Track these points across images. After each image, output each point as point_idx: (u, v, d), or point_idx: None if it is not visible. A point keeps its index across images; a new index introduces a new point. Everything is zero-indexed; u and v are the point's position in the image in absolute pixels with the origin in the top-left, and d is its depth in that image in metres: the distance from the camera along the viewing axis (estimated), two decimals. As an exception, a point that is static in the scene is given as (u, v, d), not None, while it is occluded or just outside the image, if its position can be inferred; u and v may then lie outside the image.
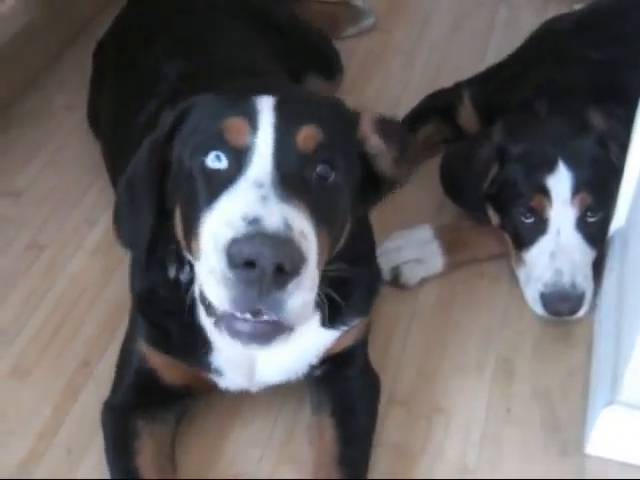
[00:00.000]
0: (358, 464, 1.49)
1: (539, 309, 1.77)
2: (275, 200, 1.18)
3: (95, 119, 2.08)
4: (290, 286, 1.16)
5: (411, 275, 1.84)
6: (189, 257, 1.34)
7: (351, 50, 2.53)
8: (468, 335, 1.78)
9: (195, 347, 1.48)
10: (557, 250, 1.76)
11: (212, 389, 1.56)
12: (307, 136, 1.25)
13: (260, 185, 1.20)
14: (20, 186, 2.10)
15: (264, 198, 1.18)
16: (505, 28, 2.65)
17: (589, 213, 1.76)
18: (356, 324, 1.54)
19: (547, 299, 1.75)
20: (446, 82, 2.25)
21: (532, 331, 1.79)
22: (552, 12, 2.57)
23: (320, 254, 1.23)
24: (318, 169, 1.26)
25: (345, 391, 1.57)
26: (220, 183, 1.23)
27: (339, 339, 1.54)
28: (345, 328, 1.52)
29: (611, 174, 1.77)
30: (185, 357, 1.50)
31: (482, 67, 2.22)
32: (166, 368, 1.52)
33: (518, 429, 1.62)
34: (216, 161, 1.25)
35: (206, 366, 1.50)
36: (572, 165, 1.75)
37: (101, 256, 1.93)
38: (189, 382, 1.54)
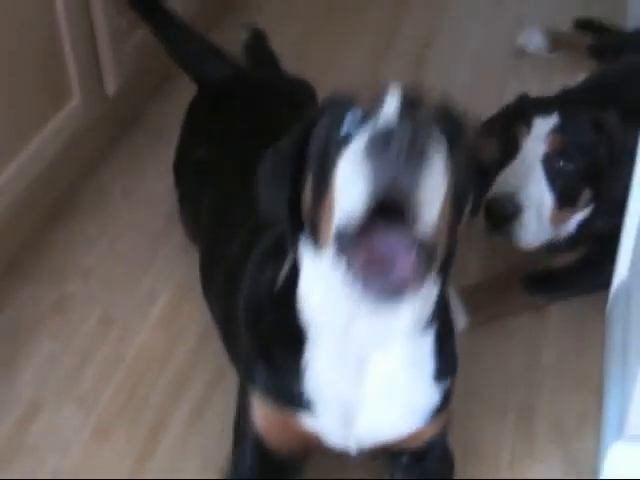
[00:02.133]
0: None
1: (481, 222, 1.98)
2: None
3: (193, 227, 2.18)
4: (424, 163, 1.17)
5: (436, 333, 2.04)
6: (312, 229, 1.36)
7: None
8: (493, 384, 1.93)
9: (293, 370, 1.50)
10: (514, 171, 1.97)
11: (317, 447, 1.60)
12: (431, 101, 1.30)
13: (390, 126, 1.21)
14: (88, 267, 2.28)
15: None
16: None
17: (562, 161, 1.96)
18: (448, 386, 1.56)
19: (486, 204, 1.95)
20: None
21: (549, 376, 1.96)
22: (557, 83, 2.80)
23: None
24: (440, 135, 1.25)
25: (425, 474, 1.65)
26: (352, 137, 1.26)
27: (432, 421, 1.56)
28: (445, 384, 1.55)
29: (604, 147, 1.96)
30: (285, 392, 1.53)
31: (495, 139, 2.42)
32: (274, 429, 1.58)
33: (541, 463, 1.79)
34: (348, 124, 1.29)
35: (305, 401, 1.51)
36: (563, 118, 1.97)
37: (165, 327, 2.11)
38: (295, 443, 1.60)
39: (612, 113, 1.99)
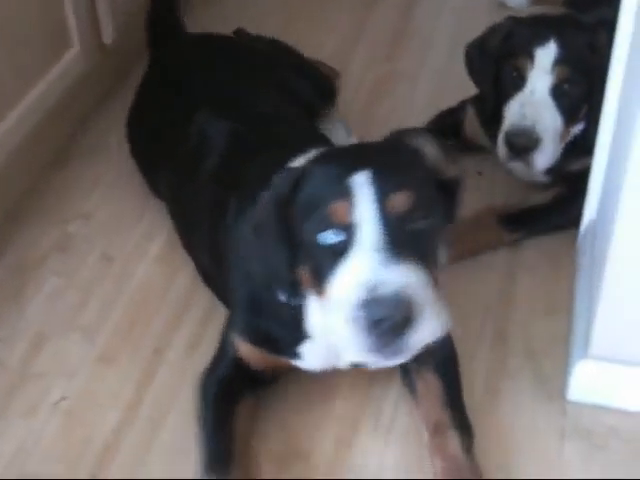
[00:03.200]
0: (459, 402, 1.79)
1: (502, 150, 2.14)
2: (386, 263, 1.39)
3: (156, 186, 2.32)
4: (412, 330, 1.39)
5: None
6: (309, 291, 1.57)
7: (360, 79, 2.85)
8: (470, 310, 2.04)
9: (290, 344, 1.72)
10: (527, 103, 2.12)
11: (300, 371, 1.81)
12: (400, 201, 1.44)
13: (371, 251, 1.41)
14: (87, 209, 2.40)
15: (377, 263, 1.40)
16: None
17: (566, 85, 2.11)
18: None
19: (508, 136, 2.12)
20: (449, 102, 2.53)
21: (523, 303, 2.08)
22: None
23: (433, 286, 1.46)
24: (415, 223, 1.45)
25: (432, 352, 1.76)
26: (338, 253, 1.44)
27: None
28: None
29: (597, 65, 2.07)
30: (276, 350, 1.75)
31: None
32: (255, 357, 1.77)
33: (512, 381, 1.91)
34: (330, 238, 1.45)
35: (294, 356, 1.75)
36: (562, 45, 2.09)
37: (162, 263, 2.23)
38: (276, 367, 1.80)
39: (603, 33, 2.10)
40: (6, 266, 2.26)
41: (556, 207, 2.26)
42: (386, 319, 1.37)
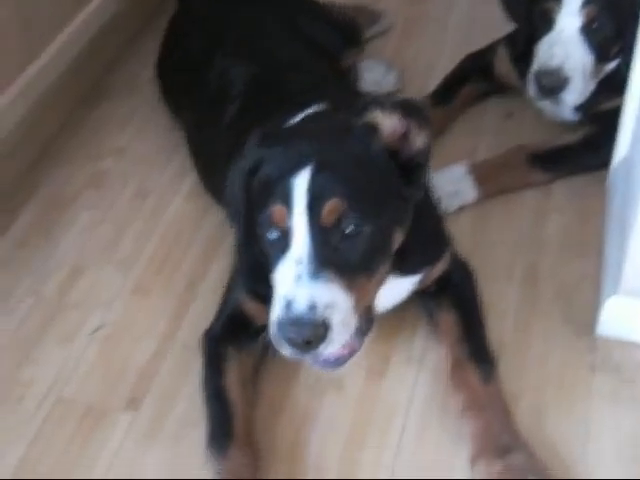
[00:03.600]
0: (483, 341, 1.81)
1: (532, 89, 2.17)
2: (307, 279, 1.47)
3: (181, 116, 2.37)
4: (322, 346, 1.48)
5: (449, 204, 2.14)
6: None
7: (392, 19, 2.85)
8: (500, 249, 2.07)
9: None
10: (556, 43, 2.14)
11: None
12: (330, 211, 1.48)
13: (299, 262, 1.48)
14: (121, 146, 2.44)
15: (299, 278, 1.47)
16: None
17: (595, 24, 2.12)
18: (432, 268, 1.81)
19: (537, 76, 2.15)
20: (478, 44, 2.52)
21: (553, 243, 2.09)
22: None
23: (359, 299, 1.51)
24: (348, 231, 1.50)
25: (450, 291, 1.87)
26: (278, 250, 1.53)
27: (426, 276, 1.81)
28: (421, 275, 1.78)
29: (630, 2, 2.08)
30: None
31: (509, 28, 2.40)
32: (257, 312, 1.77)
33: (543, 318, 1.93)
34: (273, 235, 1.53)
35: None
36: None
37: (194, 201, 2.26)
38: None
39: None
40: (41, 201, 2.30)
41: (587, 147, 2.26)
42: (294, 338, 1.47)
